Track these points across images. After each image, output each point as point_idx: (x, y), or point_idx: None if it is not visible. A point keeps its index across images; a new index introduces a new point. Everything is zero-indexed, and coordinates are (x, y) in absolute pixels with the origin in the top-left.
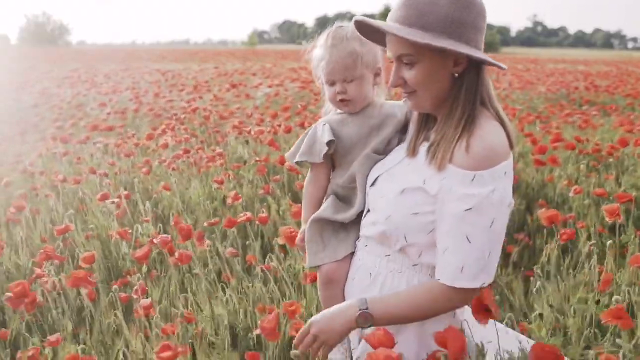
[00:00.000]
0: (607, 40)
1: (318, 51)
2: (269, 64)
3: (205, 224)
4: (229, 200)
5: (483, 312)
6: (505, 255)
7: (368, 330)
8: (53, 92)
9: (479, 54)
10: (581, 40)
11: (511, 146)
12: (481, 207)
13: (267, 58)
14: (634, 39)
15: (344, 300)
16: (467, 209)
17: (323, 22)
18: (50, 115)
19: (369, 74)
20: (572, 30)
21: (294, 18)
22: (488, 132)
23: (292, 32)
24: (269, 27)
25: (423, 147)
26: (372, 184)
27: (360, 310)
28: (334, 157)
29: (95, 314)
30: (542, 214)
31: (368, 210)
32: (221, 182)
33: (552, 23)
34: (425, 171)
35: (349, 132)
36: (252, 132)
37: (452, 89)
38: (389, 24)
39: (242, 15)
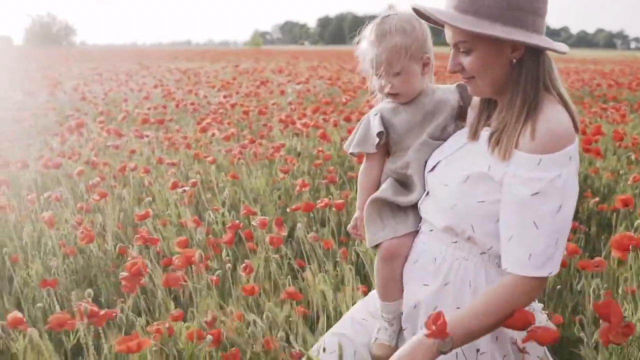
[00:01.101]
0: (610, 40)
1: (363, 44)
2: (283, 62)
3: (288, 209)
4: (297, 189)
5: None
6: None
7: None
8: (85, 89)
9: (535, 39)
10: (584, 40)
11: (576, 129)
12: (548, 191)
13: (278, 57)
14: (637, 39)
15: (401, 281)
16: (534, 194)
17: (325, 23)
18: (92, 110)
19: (416, 65)
20: (574, 30)
21: (296, 19)
22: (552, 117)
23: (294, 32)
24: (270, 27)
25: (485, 132)
26: (432, 170)
27: (439, 342)
28: (388, 145)
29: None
30: (617, 197)
31: (427, 194)
32: (286, 172)
33: (554, 23)
34: (488, 158)
35: (402, 120)
36: (299, 126)
37: (512, 75)
38: (443, 11)
39: (243, 16)
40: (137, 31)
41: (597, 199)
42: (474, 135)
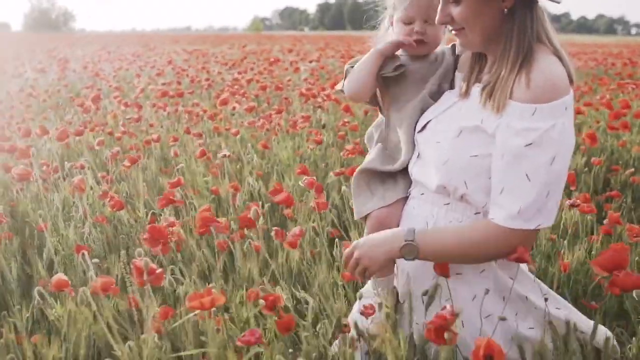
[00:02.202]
0: (610, 26)
1: None
2: (288, 45)
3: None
4: (345, 154)
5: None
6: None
7: (408, 264)
8: (95, 68)
9: None
10: (584, 26)
11: (571, 81)
12: (542, 142)
13: (280, 41)
14: (638, 25)
15: None
16: (527, 144)
17: (325, 9)
18: (105, 87)
19: None
20: (574, 16)
21: (296, 4)
22: (547, 67)
23: (293, 18)
24: (270, 13)
25: (476, 88)
26: (421, 130)
27: (406, 241)
28: (383, 100)
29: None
30: None
31: (418, 156)
32: (320, 142)
33: (554, 9)
34: (481, 111)
35: (412, 69)
36: (321, 100)
37: (504, 26)
38: None
39: (243, 1)
40: (135, 18)
41: (632, 169)
42: (466, 92)
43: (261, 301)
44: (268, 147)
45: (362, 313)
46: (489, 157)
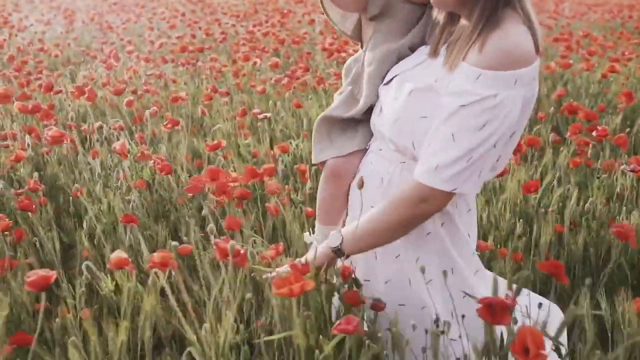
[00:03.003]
0: None
1: None
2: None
3: None
4: None
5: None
6: None
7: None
8: (101, 20)
9: None
10: None
11: (537, 51)
12: (477, 107)
13: None
14: None
15: (346, 202)
16: (462, 105)
17: None
18: (116, 39)
19: None
20: None
21: None
22: (509, 35)
23: None
24: None
25: (444, 47)
26: (387, 83)
27: (332, 249)
28: (375, 25)
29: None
30: None
31: (380, 110)
32: None
33: None
34: (439, 71)
35: (405, 10)
36: (345, 55)
37: None
38: None
39: None
40: None
41: None
42: (435, 51)
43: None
44: (301, 106)
45: None
46: (437, 118)
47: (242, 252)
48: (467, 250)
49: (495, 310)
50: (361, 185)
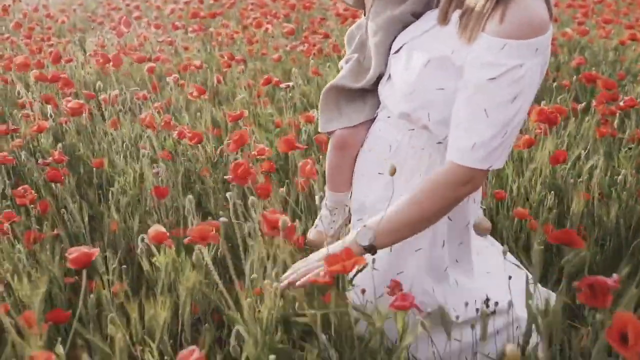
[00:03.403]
0: None
1: None
2: None
3: None
4: None
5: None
6: None
7: None
8: None
9: None
10: None
11: (550, 18)
12: (506, 79)
13: None
14: None
15: (351, 171)
16: (490, 78)
17: None
18: (122, 5)
19: None
20: None
21: None
22: (527, 4)
23: None
24: None
25: (456, 14)
26: (396, 52)
27: (364, 248)
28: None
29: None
30: None
31: (389, 77)
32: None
33: None
34: (454, 41)
35: None
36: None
37: None
38: None
39: None
40: None
41: None
42: (445, 17)
43: None
44: (320, 74)
45: None
46: (455, 91)
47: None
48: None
49: (596, 291)
50: (393, 172)
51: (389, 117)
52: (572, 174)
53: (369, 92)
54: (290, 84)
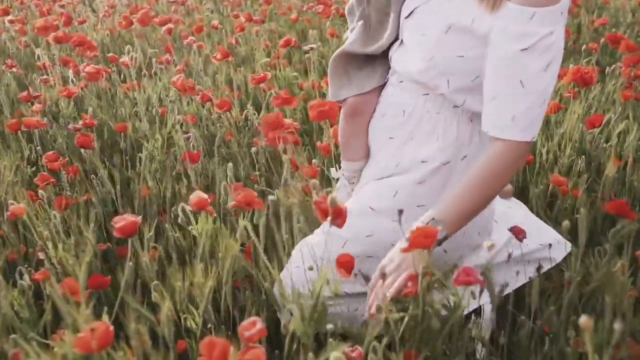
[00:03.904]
0: None
1: None
2: None
3: None
4: None
5: None
6: None
7: None
8: None
9: None
10: None
11: None
12: (538, 48)
13: None
14: None
15: (366, 137)
16: (523, 49)
17: None
18: None
19: None
20: None
21: None
22: None
23: None
24: None
25: None
26: (408, 16)
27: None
28: None
29: None
30: None
31: (401, 42)
32: None
33: None
34: (473, 9)
35: None
36: None
37: None
38: None
39: None
40: None
41: None
42: None
43: None
44: (339, 37)
45: None
46: (477, 58)
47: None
48: None
49: None
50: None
51: (401, 81)
52: (600, 138)
53: (378, 58)
54: (314, 45)
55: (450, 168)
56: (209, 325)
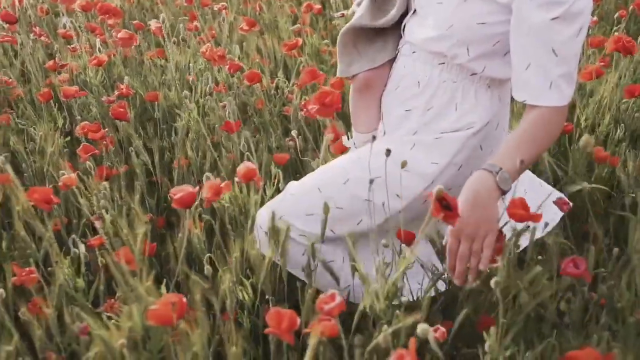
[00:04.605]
0: None
1: None
2: None
3: None
4: None
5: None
6: None
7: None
8: None
9: None
10: None
11: None
12: (569, 14)
13: None
14: None
15: (379, 112)
16: (554, 18)
17: None
18: None
19: None
20: None
21: None
22: None
23: None
24: None
25: None
26: None
27: (496, 174)
28: None
29: None
30: None
31: (414, 12)
32: None
33: None
34: None
35: None
36: None
37: None
38: None
39: None
40: None
41: None
42: None
43: None
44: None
45: None
46: (498, 24)
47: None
48: None
49: None
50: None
51: (414, 52)
52: (634, 108)
53: (388, 30)
54: (345, 12)
55: (473, 135)
56: (267, 297)
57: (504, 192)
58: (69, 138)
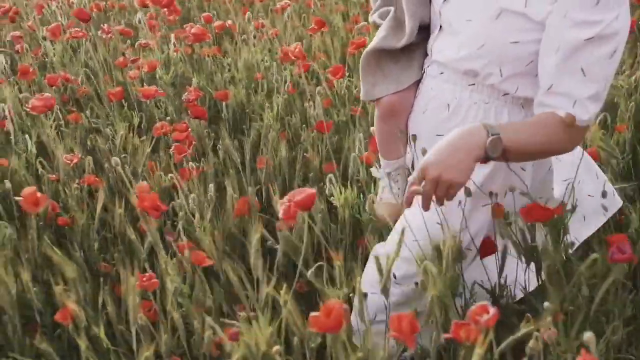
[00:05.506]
0: None
1: None
2: None
3: None
4: None
5: None
6: None
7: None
8: None
9: None
10: None
11: None
12: (605, 35)
13: None
14: None
15: (406, 137)
16: (588, 39)
17: None
18: None
19: None
20: None
21: None
22: None
23: None
24: None
25: None
26: (446, 0)
27: (491, 135)
28: None
29: None
30: None
31: (440, 29)
32: None
33: None
34: None
35: None
36: None
37: None
38: None
39: None
40: None
41: None
42: None
43: None
44: None
45: None
46: (530, 43)
47: None
48: None
49: None
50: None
51: (441, 73)
52: None
53: (414, 48)
54: None
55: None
56: None
57: (486, 158)
58: (144, 137)
